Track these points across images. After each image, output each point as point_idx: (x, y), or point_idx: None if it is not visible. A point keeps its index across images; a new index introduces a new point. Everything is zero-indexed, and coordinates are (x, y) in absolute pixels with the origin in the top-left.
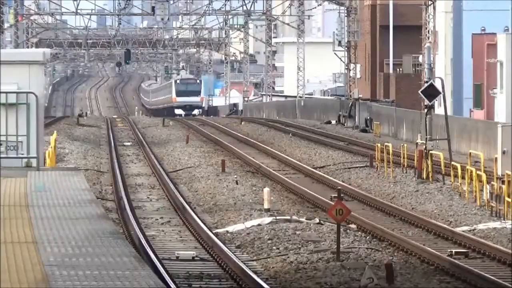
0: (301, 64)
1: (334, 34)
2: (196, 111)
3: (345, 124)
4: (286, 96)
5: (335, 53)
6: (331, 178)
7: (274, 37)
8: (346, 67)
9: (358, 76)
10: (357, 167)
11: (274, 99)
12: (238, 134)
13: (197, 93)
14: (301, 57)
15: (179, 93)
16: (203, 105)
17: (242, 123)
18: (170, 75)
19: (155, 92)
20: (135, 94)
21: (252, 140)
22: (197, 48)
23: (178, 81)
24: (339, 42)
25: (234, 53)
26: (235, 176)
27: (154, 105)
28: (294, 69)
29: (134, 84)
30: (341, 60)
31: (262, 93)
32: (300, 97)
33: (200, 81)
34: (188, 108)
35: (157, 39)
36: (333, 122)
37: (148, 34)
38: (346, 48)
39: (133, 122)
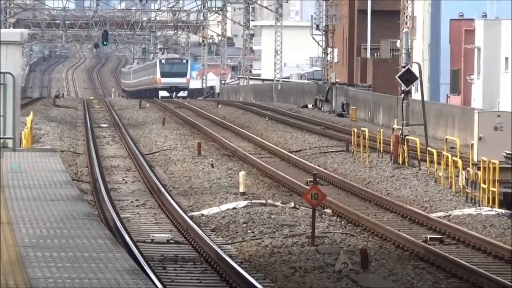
0: (279, 48)
1: (312, 18)
2: (181, 93)
3: (322, 109)
4: (263, 80)
5: (313, 37)
6: (307, 162)
7: (252, 20)
8: (324, 51)
9: (336, 60)
10: (333, 151)
11: (251, 82)
12: (215, 117)
13: (183, 74)
14: (279, 40)
15: (164, 74)
16: (189, 87)
17: (219, 106)
18: (147, 57)
19: (137, 73)
20: (112, 76)
21: (228, 124)
22: (175, 30)
23: (163, 61)
24: (317, 26)
25: (212, 36)
26: (211, 159)
27: (135, 86)
28: (272, 53)
29: (112, 65)
30: (319, 44)
31: (239, 76)
32: (277, 80)
33: (187, 61)
34: (174, 89)
35: (135, 21)
36: (310, 106)
37: (126, 15)
38: (324, 32)
39: (109, 104)
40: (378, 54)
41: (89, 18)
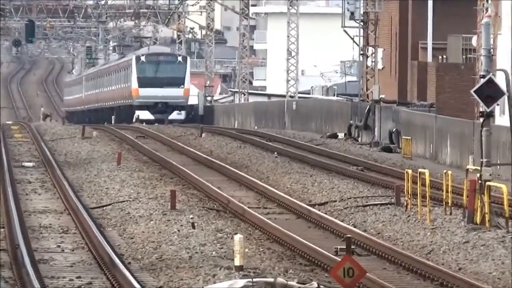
0: (294, 47)
1: (344, 2)
2: (176, 115)
3: (359, 139)
4: (269, 95)
5: (345, 31)
6: (336, 221)
7: (253, 5)
8: (362, 53)
9: (380, 66)
10: (376, 204)
11: (252, 99)
12: (197, 152)
13: (178, 81)
14: (294, 35)
15: (145, 81)
16: (187, 103)
17: (203, 135)
18: (94, 61)
19: (93, 80)
20: (41, 89)
21: (217, 162)
22: (136, 21)
23: (143, 58)
24: (352, 13)
25: (192, 29)
26: (191, 216)
27: (90, 103)
28: (283, 54)
29: (40, 73)
30: (354, 41)
31: (234, 90)
32: (291, 96)
33: (184, 58)
34: (163, 108)
35: (75, 6)
36: (341, 135)
37: None
38: (362, 24)
39: (37, 132)
40: (444, 56)
41: (6, 3)
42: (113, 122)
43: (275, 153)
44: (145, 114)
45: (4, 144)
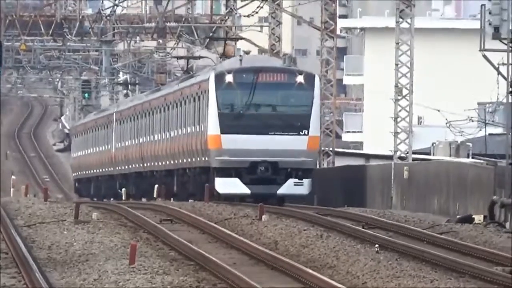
0: (406, 81)
1: (483, 12)
2: (291, 186)
3: (507, 225)
4: (368, 157)
5: (484, 56)
6: None
7: (341, 16)
8: (511, 90)
9: None
10: None
11: (339, 161)
12: (254, 245)
13: (299, 121)
14: (405, 63)
15: (231, 121)
16: (315, 165)
17: (264, 217)
18: (93, 103)
19: (132, 119)
20: (13, 142)
21: (285, 260)
22: (160, 40)
23: (228, 77)
24: (496, 30)
25: (248, 53)
26: None
27: (125, 163)
28: (388, 92)
29: (11, 121)
30: (499, 72)
31: None
32: (402, 158)
33: (310, 77)
34: (266, 172)
35: (65, 18)
36: (478, 218)
37: (46, 7)
38: (511, 47)
39: (5, 212)
40: None
41: None
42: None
43: (376, 246)
44: (230, 185)
45: None
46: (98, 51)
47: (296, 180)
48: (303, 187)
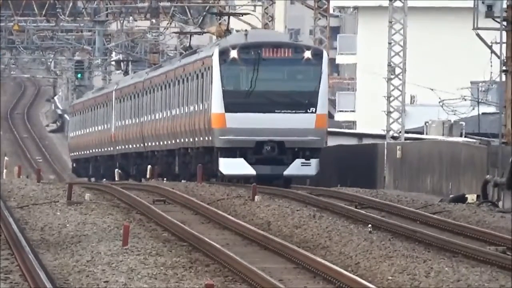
0: (399, 60)
1: None
2: (298, 166)
3: (500, 204)
4: (361, 136)
5: (477, 35)
6: None
7: None
8: (504, 69)
9: None
10: None
11: (332, 141)
12: (247, 225)
13: (306, 98)
14: (399, 41)
15: (236, 99)
16: (323, 144)
17: (256, 198)
18: (85, 83)
19: (133, 97)
20: (4, 128)
21: (278, 240)
22: (152, 19)
23: (233, 53)
24: (489, 8)
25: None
26: None
27: (126, 143)
28: (382, 71)
29: (4, 102)
30: (493, 51)
31: None
32: (394, 138)
33: (318, 52)
34: (272, 152)
35: None
36: (471, 198)
37: None
38: (504, 25)
39: None
40: None
41: None
42: (176, 171)
43: (369, 226)
44: (235, 165)
45: None
46: (91, 31)
47: (303, 160)
48: (310, 168)
